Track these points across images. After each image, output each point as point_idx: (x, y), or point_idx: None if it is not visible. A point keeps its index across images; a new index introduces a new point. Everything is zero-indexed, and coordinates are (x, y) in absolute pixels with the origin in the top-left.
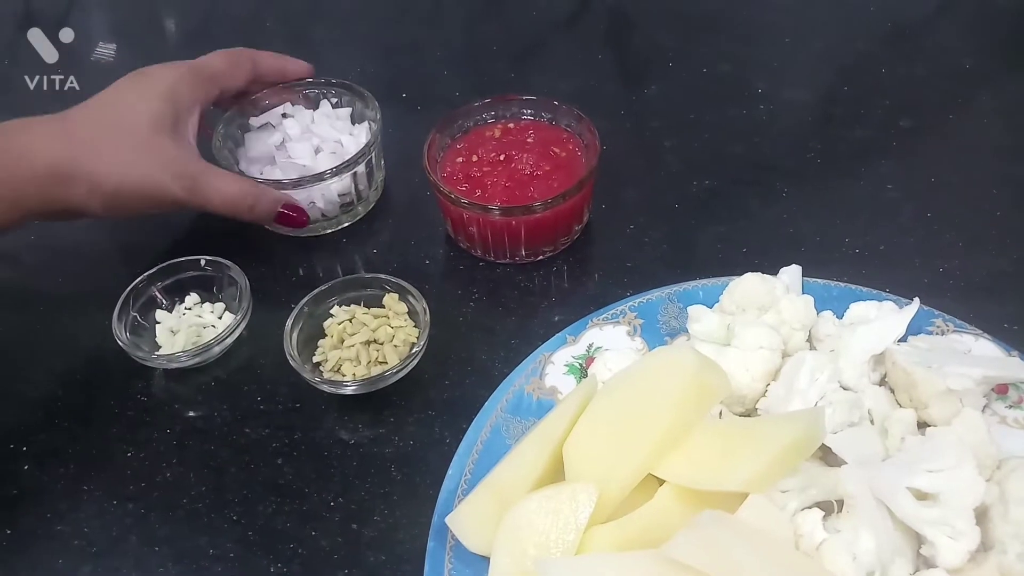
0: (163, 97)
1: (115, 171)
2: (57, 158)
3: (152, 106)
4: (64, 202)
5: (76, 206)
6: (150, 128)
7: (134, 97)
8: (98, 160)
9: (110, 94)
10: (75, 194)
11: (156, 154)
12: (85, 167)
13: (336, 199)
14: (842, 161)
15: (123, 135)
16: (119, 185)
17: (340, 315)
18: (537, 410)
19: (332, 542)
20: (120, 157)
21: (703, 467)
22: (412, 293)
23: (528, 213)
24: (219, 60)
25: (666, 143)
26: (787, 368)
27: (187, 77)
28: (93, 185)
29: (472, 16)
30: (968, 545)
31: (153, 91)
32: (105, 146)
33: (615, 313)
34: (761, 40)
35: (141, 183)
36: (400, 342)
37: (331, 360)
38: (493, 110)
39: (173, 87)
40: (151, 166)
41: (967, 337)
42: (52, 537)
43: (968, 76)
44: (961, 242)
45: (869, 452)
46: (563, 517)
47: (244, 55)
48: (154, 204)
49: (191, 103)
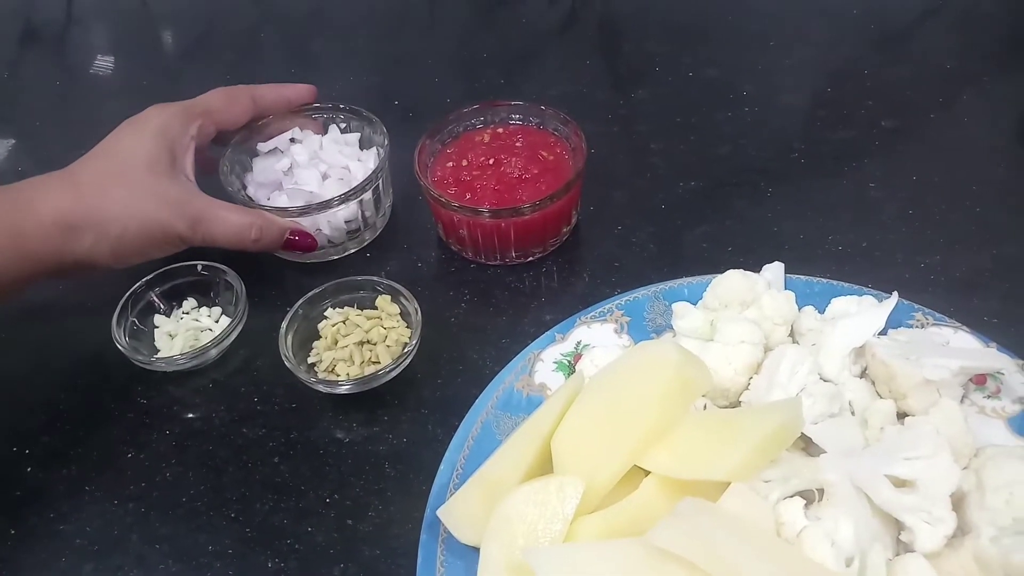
0: (156, 137)
1: (119, 216)
2: (62, 209)
3: (147, 148)
4: (72, 253)
5: (84, 256)
6: (147, 170)
7: (130, 141)
8: (101, 207)
9: (108, 142)
10: (83, 243)
11: (156, 194)
12: (90, 216)
13: (343, 226)
14: (826, 161)
15: (123, 180)
16: (124, 229)
17: (334, 317)
18: (527, 406)
19: (328, 538)
20: (122, 202)
21: (687, 458)
22: (404, 295)
23: (517, 215)
24: (214, 97)
25: (653, 146)
26: (768, 362)
27: (179, 115)
28: (99, 233)
29: (464, 25)
30: (945, 530)
31: (147, 133)
32: (107, 193)
33: (603, 311)
34: (747, 45)
35: (145, 224)
36: (393, 342)
37: (325, 361)
38: (482, 115)
39: (165, 126)
40: (153, 207)
41: (946, 330)
42: (55, 536)
43: (950, 77)
44: (942, 239)
45: (849, 442)
46: (551, 508)
47: (241, 91)
48: (160, 244)
49: (185, 140)
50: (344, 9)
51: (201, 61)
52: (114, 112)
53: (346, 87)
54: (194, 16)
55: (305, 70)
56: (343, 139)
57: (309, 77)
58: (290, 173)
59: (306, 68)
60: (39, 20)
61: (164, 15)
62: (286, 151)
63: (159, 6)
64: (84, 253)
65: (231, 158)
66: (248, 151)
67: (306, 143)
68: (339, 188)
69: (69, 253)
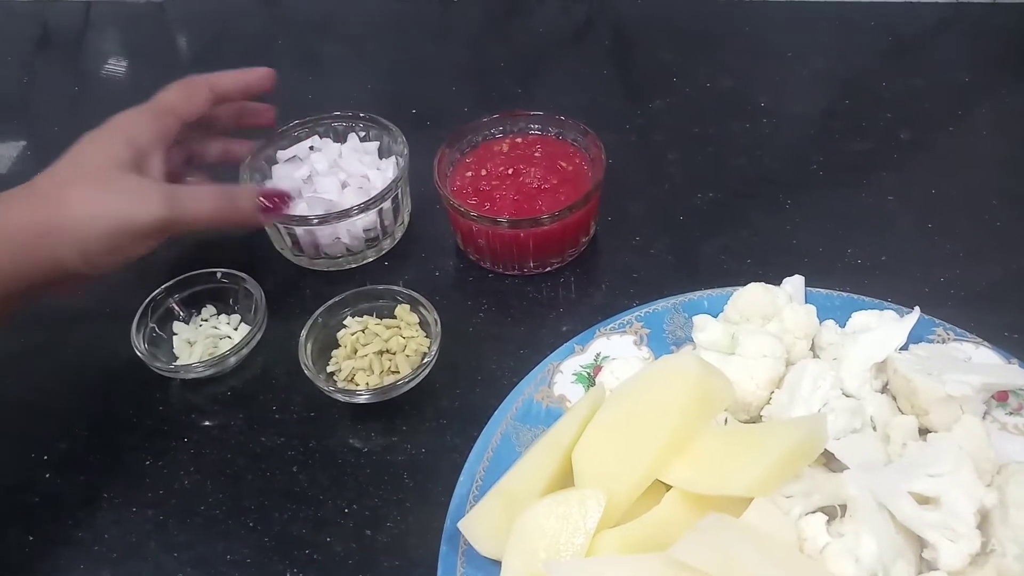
0: (120, 140)
1: (82, 216)
2: (28, 219)
3: (111, 150)
4: (47, 261)
5: (60, 263)
6: (113, 168)
7: (92, 148)
8: (68, 209)
9: (71, 151)
10: (55, 250)
11: (124, 187)
12: (57, 219)
13: (361, 235)
14: (843, 173)
15: (88, 180)
16: (91, 229)
17: (353, 326)
18: (546, 418)
19: (347, 548)
20: (86, 201)
21: (709, 472)
22: (423, 304)
23: (536, 225)
24: (172, 93)
25: (670, 156)
26: (790, 376)
27: (142, 116)
28: (70, 234)
29: (479, 34)
30: (968, 548)
31: (109, 137)
32: (73, 195)
33: (622, 323)
34: (763, 55)
35: (117, 216)
36: (412, 352)
37: (344, 370)
38: (501, 125)
39: (127, 129)
40: (118, 200)
41: (967, 345)
42: (73, 543)
43: (967, 90)
44: (961, 252)
45: (871, 457)
46: (572, 522)
47: (197, 82)
48: (137, 235)
49: (151, 141)
50: (357, 16)
51: (215, 66)
52: None
53: (363, 95)
54: (209, 22)
55: (320, 77)
56: (362, 148)
57: (324, 84)
58: (309, 181)
59: (321, 75)
60: (56, 25)
61: (179, 20)
62: (305, 159)
63: (175, 11)
64: (58, 259)
65: (251, 165)
66: (267, 159)
67: (325, 151)
68: (358, 197)
69: (43, 260)
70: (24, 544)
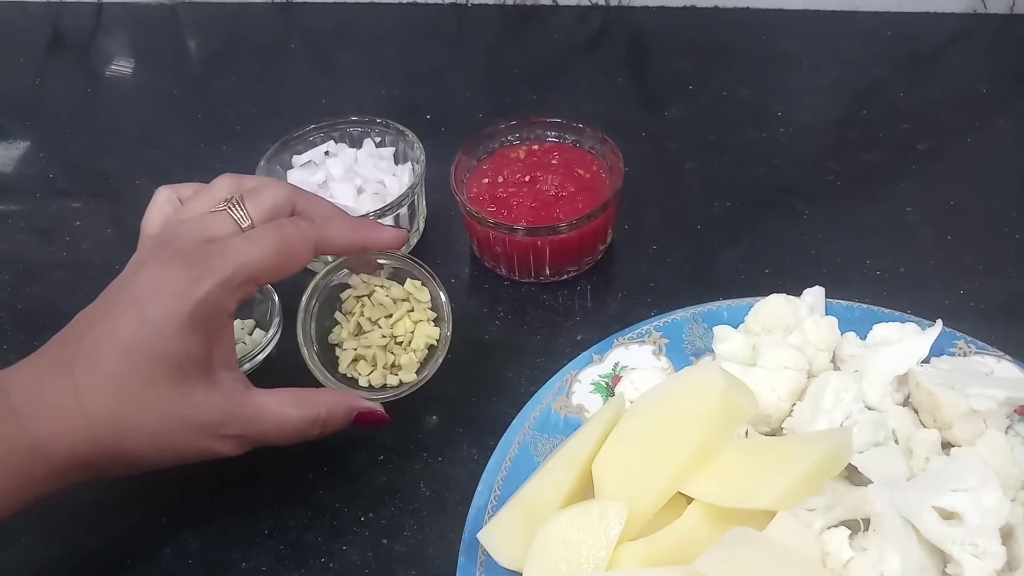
0: (183, 328)
1: (145, 453)
2: (76, 447)
3: (172, 346)
4: (90, 478)
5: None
6: (175, 380)
7: (146, 332)
8: (125, 441)
9: (119, 328)
10: (102, 475)
11: (189, 420)
12: (110, 452)
13: None
14: (861, 184)
15: (146, 404)
16: (157, 462)
17: (359, 288)
18: (564, 428)
19: (363, 557)
20: (149, 437)
21: (731, 485)
22: (436, 280)
23: (553, 233)
24: (260, 246)
25: (687, 165)
26: (813, 388)
27: (216, 292)
28: (124, 466)
29: (494, 41)
30: (994, 564)
31: (169, 321)
32: (127, 426)
33: (640, 332)
34: (779, 65)
35: (181, 455)
36: (419, 345)
37: (347, 352)
38: (518, 132)
39: (196, 310)
40: (187, 437)
41: (989, 358)
42: (85, 551)
43: (985, 101)
44: (981, 265)
45: (894, 471)
46: (594, 534)
47: (303, 242)
48: (201, 460)
49: (223, 321)
50: (372, 22)
51: (228, 71)
52: (142, 119)
53: (377, 101)
54: (222, 26)
55: (335, 82)
56: (378, 153)
57: (339, 90)
58: (325, 186)
59: (336, 80)
60: (68, 27)
61: (192, 23)
62: (321, 164)
63: (187, 15)
64: (104, 477)
65: (266, 169)
66: (282, 163)
67: (341, 157)
68: (374, 203)
69: (83, 480)
70: (37, 552)
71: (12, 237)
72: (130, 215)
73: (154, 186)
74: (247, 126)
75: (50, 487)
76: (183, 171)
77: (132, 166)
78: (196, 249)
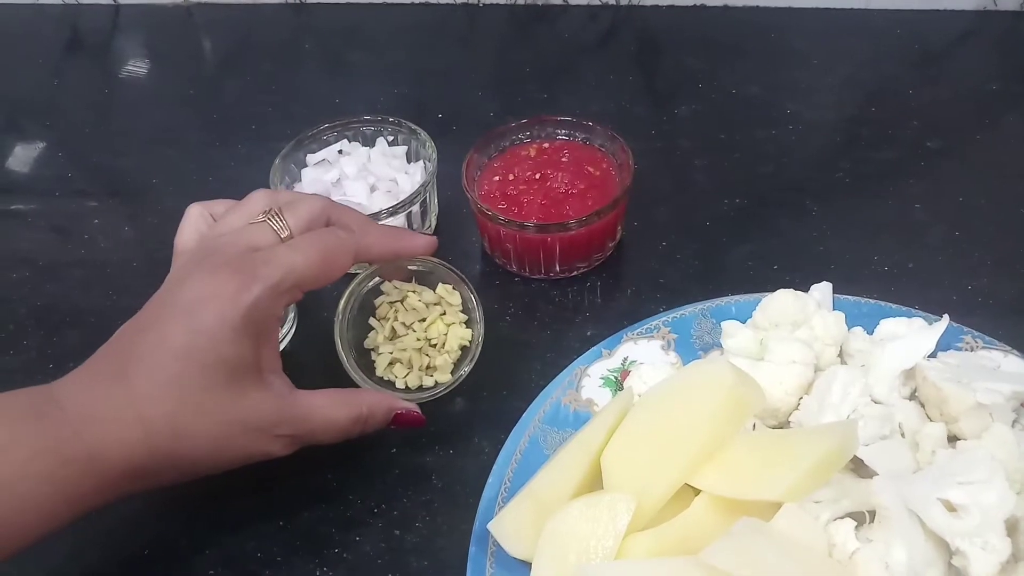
0: (236, 333)
1: (203, 460)
2: (133, 455)
3: (225, 351)
4: (144, 488)
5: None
6: (229, 385)
7: (205, 342)
8: (182, 447)
9: (173, 335)
10: (157, 483)
11: (245, 423)
12: (168, 459)
13: None
14: (870, 181)
15: (201, 409)
16: (213, 468)
17: (392, 293)
18: (574, 421)
19: (376, 548)
20: (206, 443)
21: (739, 477)
22: (467, 283)
23: (563, 230)
24: (309, 260)
25: (696, 163)
26: (820, 382)
27: (265, 297)
28: (180, 473)
29: (504, 39)
30: (1000, 557)
31: (223, 325)
32: (184, 432)
33: (649, 328)
34: (788, 62)
35: (237, 459)
36: (452, 347)
37: (383, 356)
38: (529, 130)
39: (247, 315)
40: (244, 441)
41: (996, 353)
42: (103, 543)
43: (994, 99)
44: (989, 261)
45: (900, 464)
46: (602, 525)
47: (344, 249)
48: (255, 461)
49: (272, 324)
50: (384, 23)
51: (243, 71)
52: (158, 119)
53: (389, 100)
54: (236, 26)
55: (347, 82)
56: (391, 152)
57: (351, 89)
58: (338, 185)
59: (348, 80)
60: (85, 28)
61: (207, 25)
62: (334, 163)
63: (202, 16)
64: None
65: (280, 167)
66: (296, 162)
67: (354, 155)
68: (387, 201)
69: (134, 492)
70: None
71: (31, 236)
72: (146, 214)
73: (170, 186)
74: (262, 126)
75: (105, 497)
76: (199, 170)
77: (148, 165)
78: (242, 257)
